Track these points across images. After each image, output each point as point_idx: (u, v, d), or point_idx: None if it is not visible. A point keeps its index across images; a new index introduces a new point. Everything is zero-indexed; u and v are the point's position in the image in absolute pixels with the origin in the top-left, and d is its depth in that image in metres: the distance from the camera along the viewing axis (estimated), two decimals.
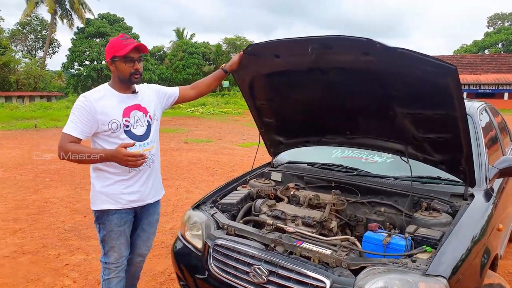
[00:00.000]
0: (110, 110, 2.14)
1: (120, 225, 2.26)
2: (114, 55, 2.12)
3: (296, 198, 2.58)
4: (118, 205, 2.22)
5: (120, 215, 2.25)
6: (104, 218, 2.24)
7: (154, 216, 2.49)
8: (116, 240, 2.28)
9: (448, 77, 1.85)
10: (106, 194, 2.21)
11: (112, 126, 2.14)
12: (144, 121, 2.27)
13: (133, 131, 2.21)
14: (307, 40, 2.09)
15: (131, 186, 2.24)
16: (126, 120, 2.18)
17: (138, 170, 2.23)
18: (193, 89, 2.58)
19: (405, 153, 2.47)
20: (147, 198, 2.34)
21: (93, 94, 2.16)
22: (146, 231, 2.48)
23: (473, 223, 2.07)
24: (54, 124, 16.51)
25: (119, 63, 2.13)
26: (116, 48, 2.11)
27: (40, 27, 45.30)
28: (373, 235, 2.03)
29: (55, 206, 5.26)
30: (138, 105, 2.27)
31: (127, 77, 2.17)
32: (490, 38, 49.22)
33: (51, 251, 3.81)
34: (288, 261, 1.91)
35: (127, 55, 2.11)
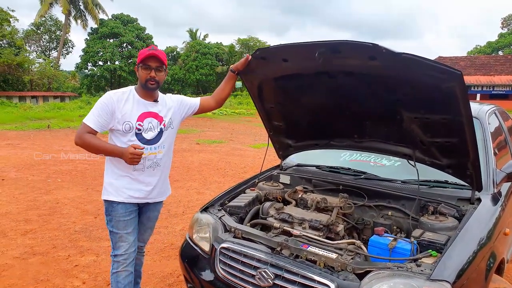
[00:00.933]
0: (127, 112, 2.32)
1: (126, 215, 2.40)
2: (138, 62, 2.34)
3: (304, 201, 2.60)
4: (120, 198, 2.38)
5: (125, 205, 2.40)
6: (110, 208, 2.40)
7: (154, 213, 2.62)
8: (123, 229, 2.41)
9: (453, 82, 1.86)
10: (112, 186, 2.39)
11: (125, 127, 2.31)
12: (157, 128, 2.41)
13: (143, 134, 2.36)
14: (314, 44, 2.11)
15: (134, 184, 2.39)
16: (139, 124, 2.34)
17: (142, 170, 2.39)
18: (212, 97, 2.71)
19: (412, 157, 2.47)
20: (149, 198, 2.48)
21: (118, 94, 2.35)
22: (144, 224, 2.61)
23: (479, 228, 2.07)
24: (67, 124, 16.77)
25: (140, 69, 2.34)
26: (140, 56, 2.32)
27: (54, 28, 45.96)
28: (379, 239, 2.04)
29: (66, 207, 5.35)
30: (156, 113, 2.42)
31: (144, 83, 2.34)
32: (504, 39, 48.43)
33: (61, 252, 3.87)
34: (293, 265, 1.93)
35: (144, 62, 2.31)
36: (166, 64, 2.38)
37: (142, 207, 2.55)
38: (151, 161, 2.41)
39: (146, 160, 2.37)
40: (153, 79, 2.32)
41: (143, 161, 2.33)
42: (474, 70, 36.27)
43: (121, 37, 42.70)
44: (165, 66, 2.38)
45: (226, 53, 46.77)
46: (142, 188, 2.42)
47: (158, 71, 2.34)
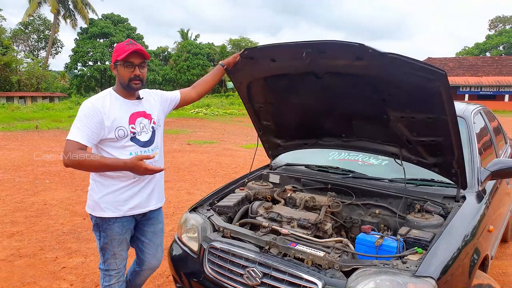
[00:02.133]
0: (116, 117, 2.11)
1: (122, 233, 2.24)
2: (116, 59, 2.11)
3: (293, 200, 2.62)
4: (119, 213, 2.18)
5: (122, 223, 2.22)
6: (105, 226, 2.20)
7: (158, 226, 2.43)
8: (118, 247, 2.25)
9: (438, 81, 1.89)
10: (107, 201, 2.16)
11: (119, 134, 2.11)
12: (149, 128, 2.25)
13: (138, 137, 2.19)
14: (301, 44, 2.13)
15: (132, 193, 2.20)
16: (132, 127, 2.16)
17: (142, 178, 2.21)
18: (193, 89, 2.56)
19: (399, 156, 2.50)
20: (148, 205, 2.30)
21: (99, 100, 2.11)
22: (153, 242, 2.41)
23: (463, 225, 2.11)
24: (55, 125, 16.58)
25: (120, 67, 2.11)
26: (119, 52, 2.09)
27: (43, 27, 45.47)
28: (366, 237, 2.06)
29: (54, 209, 5.29)
30: (144, 112, 2.25)
31: (126, 83, 2.13)
32: (491, 40, 49.19)
33: (48, 254, 3.82)
34: (281, 263, 1.94)
35: (126, 59, 2.08)
36: (148, 58, 2.18)
37: (141, 222, 2.35)
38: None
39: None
40: (137, 77, 2.12)
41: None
42: (462, 71, 36.79)
43: (111, 37, 42.39)
44: (147, 61, 2.18)
45: (217, 54, 46.73)
46: (141, 196, 2.24)
47: (142, 67, 2.13)
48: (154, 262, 2.45)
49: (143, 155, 2.08)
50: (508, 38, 47.36)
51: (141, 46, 2.14)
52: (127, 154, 2.14)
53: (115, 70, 2.15)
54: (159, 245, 2.46)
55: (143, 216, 2.33)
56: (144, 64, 2.16)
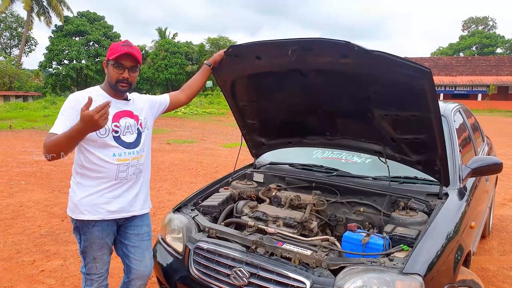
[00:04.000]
0: None
1: (102, 237, 2.12)
2: (108, 58, 2.04)
3: (278, 199, 2.61)
4: (99, 216, 2.07)
5: (102, 227, 2.10)
6: (85, 229, 2.10)
7: (142, 228, 2.26)
8: (98, 251, 2.14)
9: (423, 79, 1.91)
10: (87, 204, 2.06)
11: (100, 131, 1.98)
12: (134, 129, 2.15)
13: (122, 137, 2.09)
14: (287, 42, 2.12)
15: (113, 196, 2.09)
16: (115, 125, 2.06)
17: (125, 179, 2.10)
18: (183, 92, 2.49)
19: (383, 154, 2.52)
20: (131, 210, 2.17)
21: (83, 94, 2.01)
22: (138, 246, 2.24)
23: (447, 222, 2.14)
24: (30, 125, 16.08)
25: (110, 66, 2.04)
26: (112, 51, 2.02)
27: (16, 25, 44.13)
28: (352, 235, 2.07)
29: (31, 210, 5.11)
30: (130, 112, 2.15)
31: (113, 83, 2.05)
32: (464, 41, 50.61)
33: (25, 257, 3.69)
34: (268, 263, 1.93)
35: (117, 60, 2.01)
36: (141, 63, 2.12)
37: (123, 227, 2.22)
38: (135, 167, 2.12)
39: (129, 167, 2.09)
40: (125, 80, 2.04)
41: (126, 167, 2.08)
42: (437, 71, 37.77)
43: (87, 35, 41.50)
44: (139, 65, 2.11)
45: (196, 52, 46.38)
46: (125, 201, 2.12)
47: (132, 71, 2.06)
48: (142, 268, 2.24)
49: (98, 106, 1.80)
50: (481, 39, 48.87)
51: (136, 49, 2.07)
52: (110, 155, 2.04)
53: (106, 68, 2.09)
54: (146, 250, 2.27)
55: (125, 220, 2.21)
56: (136, 69, 2.09)
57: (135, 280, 2.26)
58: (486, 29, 53.20)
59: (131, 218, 2.21)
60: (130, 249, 2.24)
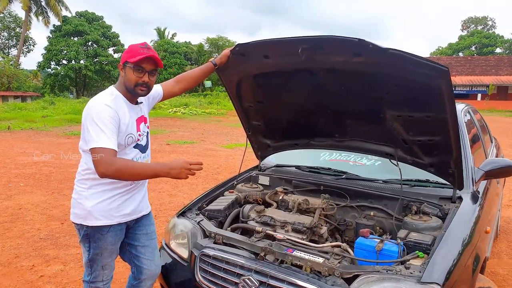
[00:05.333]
0: (128, 122, 1.97)
1: (114, 242, 2.09)
2: (126, 60, 1.95)
3: (285, 203, 2.53)
4: (115, 220, 2.02)
5: (115, 232, 2.06)
6: (97, 235, 2.02)
7: (150, 227, 2.27)
8: (108, 258, 2.09)
9: (440, 78, 1.84)
10: (101, 209, 1.99)
11: (128, 141, 1.98)
12: (146, 131, 2.14)
13: (140, 143, 2.09)
14: (297, 40, 2.04)
15: (126, 199, 2.06)
16: (139, 134, 2.06)
17: (139, 183, 2.11)
18: (178, 84, 2.40)
19: (394, 156, 2.44)
20: (141, 210, 2.18)
21: (113, 102, 1.93)
22: (148, 246, 2.23)
23: (463, 227, 2.06)
24: (29, 125, 15.97)
25: (129, 70, 1.95)
26: (131, 54, 1.93)
27: (14, 25, 43.96)
28: (365, 241, 1.99)
29: (29, 213, 5.02)
30: (143, 116, 2.13)
31: (131, 87, 1.97)
32: (464, 41, 50.61)
33: (24, 262, 3.60)
34: (279, 271, 1.84)
35: (138, 63, 1.93)
36: (161, 66, 2.05)
37: (131, 228, 2.19)
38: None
39: None
40: (145, 84, 1.97)
41: None
42: None
43: (86, 35, 41.36)
44: (158, 69, 2.04)
45: (195, 52, 46.31)
46: (135, 202, 2.11)
47: (152, 75, 1.99)
48: (153, 267, 2.23)
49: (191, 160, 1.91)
50: (480, 39, 48.86)
51: (155, 53, 1.99)
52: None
53: (123, 70, 1.99)
54: (155, 249, 2.27)
55: (135, 222, 2.19)
56: (155, 72, 2.02)
57: (146, 280, 2.24)
58: (485, 29, 53.21)
59: (139, 218, 2.20)
60: (140, 250, 2.21)
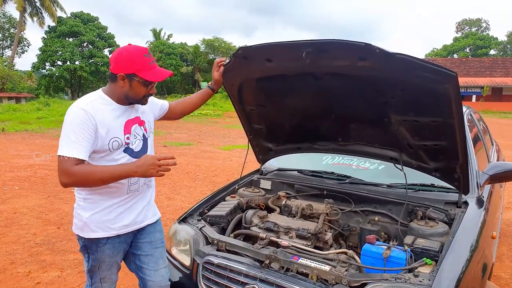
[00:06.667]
0: (110, 125, 1.81)
1: (113, 255, 1.96)
2: (134, 73, 1.79)
3: (288, 208, 2.49)
4: (112, 232, 1.91)
5: (113, 244, 1.94)
6: (94, 248, 1.92)
7: (155, 234, 2.10)
8: (107, 271, 1.99)
9: (448, 84, 1.80)
10: (97, 221, 1.88)
11: (113, 145, 1.83)
12: (141, 135, 1.99)
13: (132, 147, 1.93)
14: (301, 44, 2.00)
15: (124, 209, 1.94)
16: (127, 137, 1.89)
17: (137, 191, 1.97)
18: (178, 106, 2.35)
19: (399, 160, 2.41)
20: (144, 220, 2.04)
21: (89, 105, 1.78)
22: (151, 255, 2.08)
23: (470, 233, 2.03)
24: (23, 127, 15.81)
25: (137, 83, 1.82)
26: (140, 67, 1.79)
27: (8, 25, 43.63)
28: (372, 248, 1.95)
29: (25, 217, 4.93)
30: (138, 118, 1.98)
31: (139, 98, 1.88)
32: (458, 42, 50.83)
33: (20, 268, 3.53)
34: (285, 279, 1.80)
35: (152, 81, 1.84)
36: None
37: (136, 236, 2.06)
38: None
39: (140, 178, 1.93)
40: (151, 94, 1.93)
41: (137, 179, 1.93)
42: None
43: (81, 36, 41.09)
44: None
45: (191, 54, 46.18)
46: (136, 211, 1.98)
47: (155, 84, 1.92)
48: (158, 279, 2.07)
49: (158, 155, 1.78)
50: (474, 41, 49.11)
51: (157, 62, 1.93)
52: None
53: (125, 81, 1.81)
54: (160, 258, 2.11)
55: (137, 231, 2.06)
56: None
57: None
58: (479, 31, 53.52)
59: (143, 227, 2.07)
60: (143, 259, 2.07)
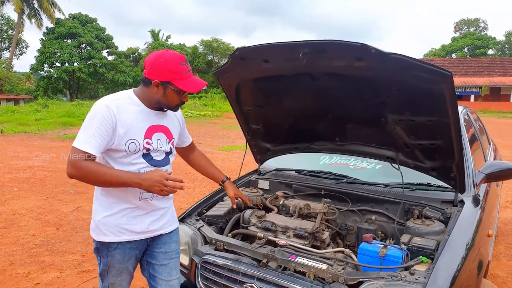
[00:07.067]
0: (131, 126, 1.75)
1: (123, 261, 1.89)
2: (170, 81, 1.75)
3: (286, 207, 2.51)
4: (122, 237, 1.85)
5: (124, 250, 1.87)
6: (105, 251, 1.88)
7: (171, 245, 2.01)
8: (117, 277, 1.92)
9: (443, 83, 1.82)
10: (109, 224, 1.83)
11: (130, 147, 1.76)
12: (166, 147, 1.91)
13: (152, 155, 1.85)
14: (298, 44, 2.01)
15: (138, 215, 1.86)
16: (147, 142, 1.80)
17: (150, 199, 1.88)
18: (192, 153, 2.37)
19: (396, 160, 2.43)
20: (157, 230, 1.95)
21: (115, 102, 1.75)
22: (165, 265, 2.00)
23: (466, 232, 2.04)
24: (22, 129, 15.79)
25: (172, 91, 1.77)
26: (176, 76, 1.75)
27: (6, 27, 43.63)
28: (369, 247, 1.97)
29: (24, 219, 4.94)
30: (166, 128, 1.90)
31: (171, 106, 1.84)
32: (456, 42, 50.98)
33: (19, 269, 3.54)
34: (282, 278, 1.82)
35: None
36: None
37: (151, 244, 1.99)
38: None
39: None
40: (184, 103, 1.88)
41: None
42: None
43: (79, 37, 41.07)
44: None
45: (189, 54, 46.18)
46: (150, 220, 1.89)
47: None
48: None
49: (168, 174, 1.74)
50: (473, 40, 49.25)
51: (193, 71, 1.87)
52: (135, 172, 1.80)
53: (160, 88, 1.77)
54: (173, 269, 2.02)
55: (152, 240, 1.98)
56: None
57: None
58: (477, 30, 53.67)
59: (159, 236, 1.99)
60: (157, 269, 2.00)
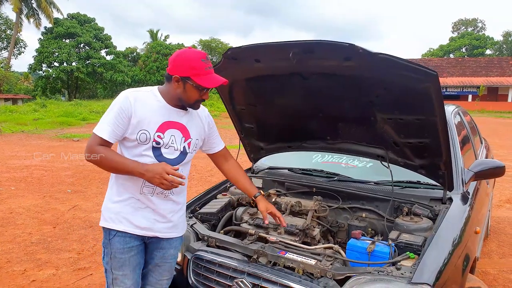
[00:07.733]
0: (145, 117, 1.79)
1: (124, 252, 1.86)
2: (189, 77, 1.78)
3: (278, 205, 2.54)
4: (120, 226, 1.85)
5: (124, 238, 1.86)
6: (106, 239, 1.89)
7: (169, 251, 2.00)
8: (119, 270, 1.87)
9: (429, 82, 1.86)
10: (111, 210, 1.87)
11: (141, 138, 1.79)
12: (180, 146, 1.89)
13: (162, 151, 1.84)
14: (288, 44, 2.05)
15: (140, 209, 1.87)
16: (158, 136, 1.81)
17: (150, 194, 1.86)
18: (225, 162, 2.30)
19: (385, 158, 2.47)
20: (158, 231, 1.92)
21: (135, 93, 1.82)
22: (159, 266, 2.01)
23: (453, 228, 2.09)
24: (20, 128, 15.82)
25: (191, 87, 1.80)
26: (196, 71, 1.77)
27: (5, 27, 43.58)
28: (357, 243, 2.01)
29: (21, 217, 4.98)
30: (183, 126, 1.90)
31: (191, 102, 1.85)
32: (454, 42, 51.14)
33: (16, 267, 3.58)
34: (272, 273, 1.86)
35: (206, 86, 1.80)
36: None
37: (149, 243, 1.97)
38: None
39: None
40: (204, 100, 1.89)
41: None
42: None
43: (78, 37, 41.05)
44: None
45: None
46: (149, 216, 1.88)
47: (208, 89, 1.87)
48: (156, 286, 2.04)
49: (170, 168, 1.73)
50: (470, 40, 49.43)
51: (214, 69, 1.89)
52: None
53: (180, 83, 1.81)
54: (166, 271, 2.04)
55: (151, 242, 1.97)
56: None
57: None
58: (475, 30, 53.83)
59: (158, 239, 1.96)
60: (151, 268, 2.02)
